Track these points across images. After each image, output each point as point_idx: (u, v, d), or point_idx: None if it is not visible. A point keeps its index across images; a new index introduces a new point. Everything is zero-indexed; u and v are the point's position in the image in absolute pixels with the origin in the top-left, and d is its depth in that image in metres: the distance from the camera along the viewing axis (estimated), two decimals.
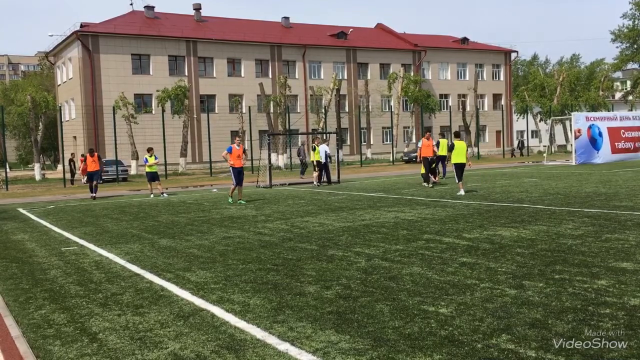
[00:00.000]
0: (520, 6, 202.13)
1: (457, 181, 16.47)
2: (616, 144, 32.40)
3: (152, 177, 20.52)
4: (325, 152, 23.09)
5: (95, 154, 21.44)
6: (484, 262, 6.97)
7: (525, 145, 50.85)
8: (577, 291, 5.50)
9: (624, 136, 32.78)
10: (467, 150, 16.73)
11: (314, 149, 23.01)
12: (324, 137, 26.74)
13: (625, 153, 32.42)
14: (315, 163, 22.91)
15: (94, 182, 21.06)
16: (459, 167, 16.36)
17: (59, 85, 52.17)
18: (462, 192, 15.92)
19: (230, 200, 16.76)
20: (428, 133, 21.70)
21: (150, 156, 20.38)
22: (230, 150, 16.74)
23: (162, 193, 20.62)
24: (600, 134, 31.63)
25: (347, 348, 4.30)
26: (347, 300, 5.58)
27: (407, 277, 6.38)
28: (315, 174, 22.91)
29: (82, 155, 37.27)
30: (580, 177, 20.42)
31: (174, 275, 7.11)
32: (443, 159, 20.76)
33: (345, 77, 54.81)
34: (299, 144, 36.85)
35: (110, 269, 7.79)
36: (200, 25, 52.60)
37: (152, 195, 20.45)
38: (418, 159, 19.97)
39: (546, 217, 10.63)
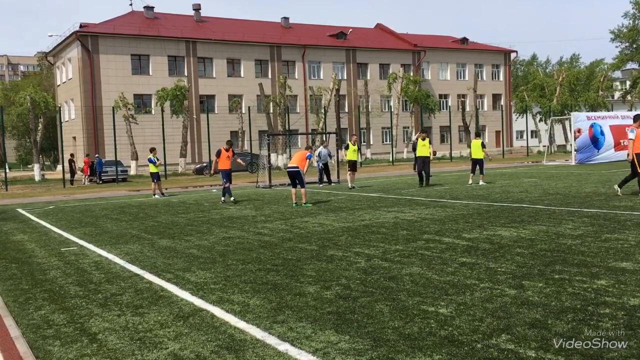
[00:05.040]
0: (520, 6, 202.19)
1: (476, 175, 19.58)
2: (621, 141, 32.09)
3: (158, 177, 21.11)
4: (328, 153, 23.07)
5: (231, 148, 17.13)
6: (483, 262, 6.96)
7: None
8: (577, 291, 5.50)
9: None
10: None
11: (347, 147, 20.71)
12: (324, 139, 26.56)
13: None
14: (349, 163, 20.45)
15: (228, 184, 16.91)
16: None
17: (59, 85, 52.16)
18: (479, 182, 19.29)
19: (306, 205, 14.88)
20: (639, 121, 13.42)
21: (154, 156, 21.12)
22: (309, 157, 15.17)
23: (155, 194, 20.78)
24: (602, 133, 31.29)
25: (346, 348, 4.30)
26: (346, 300, 5.58)
27: (406, 277, 6.38)
28: (349, 175, 20.28)
29: (87, 156, 37.32)
30: (580, 177, 20.41)
31: (174, 276, 7.11)
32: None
33: (345, 78, 54.81)
34: (412, 138, 34.43)
35: (109, 269, 7.78)
36: (200, 25, 52.59)
37: (155, 196, 20.60)
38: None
39: (546, 217, 10.63)
